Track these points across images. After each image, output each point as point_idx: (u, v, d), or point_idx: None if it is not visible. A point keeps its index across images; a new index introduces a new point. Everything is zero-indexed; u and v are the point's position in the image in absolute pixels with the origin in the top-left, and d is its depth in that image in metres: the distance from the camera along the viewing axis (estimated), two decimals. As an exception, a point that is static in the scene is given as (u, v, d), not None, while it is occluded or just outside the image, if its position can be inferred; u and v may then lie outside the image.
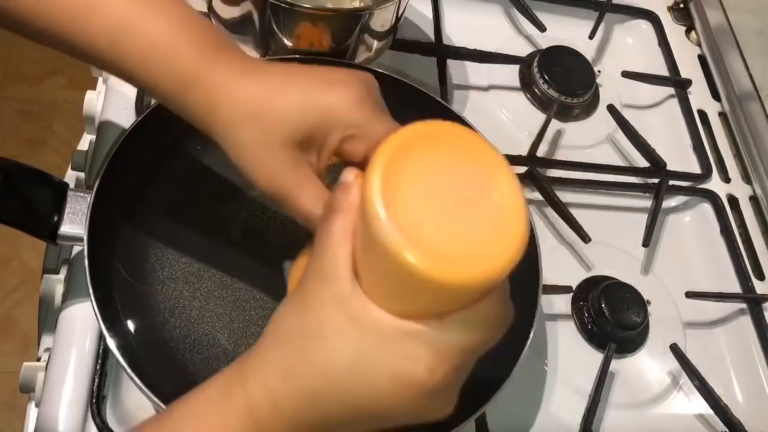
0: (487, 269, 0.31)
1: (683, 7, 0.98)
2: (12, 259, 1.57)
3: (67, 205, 0.54)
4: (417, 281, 0.30)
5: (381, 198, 0.31)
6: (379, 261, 0.32)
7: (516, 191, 0.32)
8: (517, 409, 0.64)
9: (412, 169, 0.32)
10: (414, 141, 0.33)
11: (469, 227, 0.31)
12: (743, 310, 0.76)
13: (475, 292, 0.33)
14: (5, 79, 1.76)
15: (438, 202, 0.32)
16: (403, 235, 0.30)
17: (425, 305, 0.33)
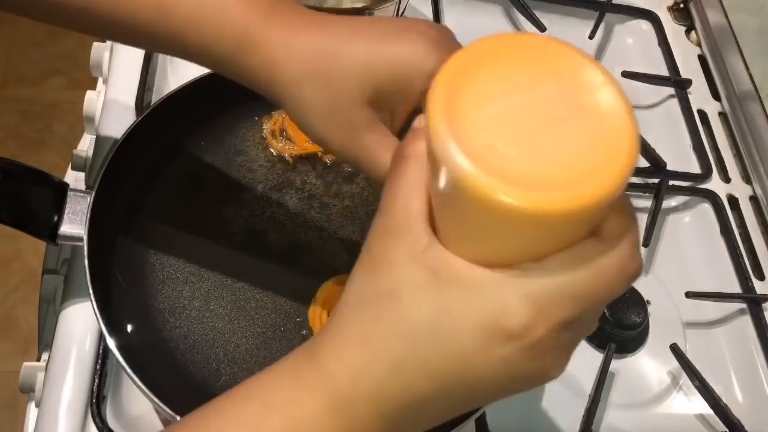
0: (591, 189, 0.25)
1: (683, 7, 0.97)
2: (12, 259, 1.57)
3: (67, 205, 0.54)
4: (497, 215, 0.26)
5: (444, 121, 0.26)
6: (453, 201, 0.27)
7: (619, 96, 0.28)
8: (517, 409, 0.64)
9: (483, 86, 0.27)
10: (485, 55, 0.28)
11: (562, 146, 0.26)
12: (743, 310, 0.76)
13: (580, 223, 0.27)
14: (5, 79, 1.76)
15: (517, 122, 0.26)
16: (472, 161, 0.25)
17: (517, 247, 0.28)
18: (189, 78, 0.61)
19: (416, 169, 0.30)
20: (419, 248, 0.29)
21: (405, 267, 0.29)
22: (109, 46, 0.73)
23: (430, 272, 0.29)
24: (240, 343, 0.56)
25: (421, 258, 0.29)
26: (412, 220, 0.29)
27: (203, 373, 0.54)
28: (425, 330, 0.29)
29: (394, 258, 0.29)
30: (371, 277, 0.30)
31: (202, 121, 0.63)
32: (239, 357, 0.55)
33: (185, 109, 0.61)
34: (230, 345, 0.55)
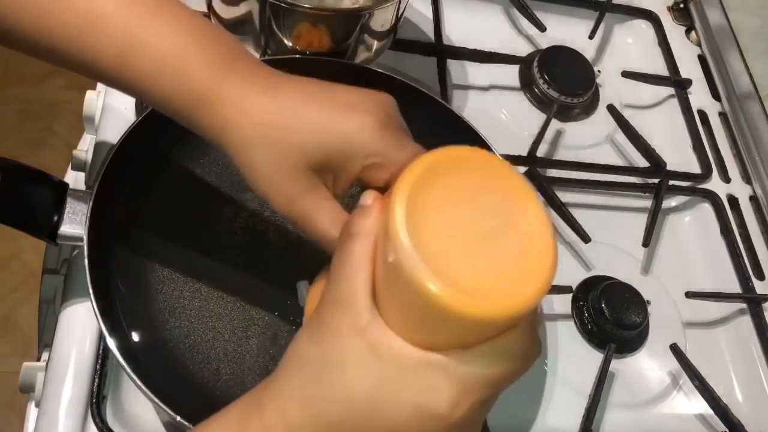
0: (514, 302, 0.30)
1: (683, 7, 0.98)
2: (12, 259, 1.57)
3: (67, 205, 0.54)
4: (440, 313, 0.29)
5: (405, 226, 0.30)
6: (401, 290, 0.31)
7: (543, 220, 0.31)
8: (517, 409, 0.64)
9: (437, 196, 0.31)
10: (438, 167, 0.31)
11: (495, 258, 0.30)
12: (743, 310, 0.76)
13: (501, 325, 0.32)
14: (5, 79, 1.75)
15: (463, 231, 0.30)
16: (427, 265, 0.29)
17: (449, 336, 0.32)
18: (189, 78, 0.61)
19: (362, 247, 0.33)
20: (363, 323, 0.32)
21: (348, 340, 0.32)
22: (109, 46, 0.73)
23: (371, 348, 0.32)
24: (240, 343, 0.56)
25: (364, 333, 0.32)
26: (357, 295, 0.32)
27: (203, 372, 0.54)
28: (363, 400, 0.32)
29: (340, 330, 0.32)
30: (319, 343, 0.33)
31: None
32: (239, 357, 0.55)
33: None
34: (230, 345, 0.55)
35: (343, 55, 0.68)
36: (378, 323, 0.32)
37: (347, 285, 0.33)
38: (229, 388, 0.55)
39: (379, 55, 0.72)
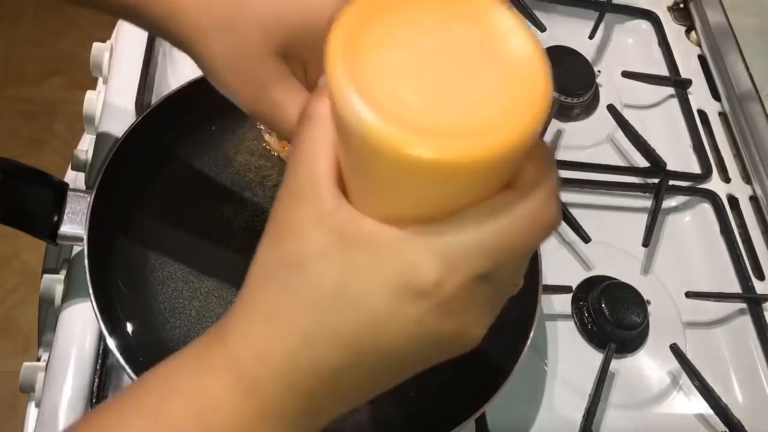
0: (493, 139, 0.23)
1: (683, 7, 0.97)
2: (12, 259, 1.57)
3: (67, 205, 0.54)
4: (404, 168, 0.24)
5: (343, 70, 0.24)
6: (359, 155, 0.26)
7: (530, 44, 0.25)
8: (517, 409, 0.64)
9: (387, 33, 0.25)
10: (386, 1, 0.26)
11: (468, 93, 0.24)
12: (743, 310, 0.76)
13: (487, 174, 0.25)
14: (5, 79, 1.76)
15: (424, 69, 0.25)
16: (374, 110, 0.23)
17: (428, 203, 0.26)
18: (189, 78, 0.61)
19: (321, 129, 0.28)
20: (325, 211, 0.27)
21: (310, 232, 0.27)
22: (109, 46, 0.73)
23: (336, 235, 0.26)
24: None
25: (327, 221, 0.27)
26: (318, 182, 0.27)
27: (203, 373, 0.54)
28: (332, 296, 0.27)
29: (299, 223, 0.27)
30: (275, 246, 0.28)
31: (202, 121, 0.64)
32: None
33: (185, 109, 0.61)
34: (230, 345, 0.55)
35: (343, 55, 0.68)
36: (344, 208, 0.27)
37: (306, 173, 0.28)
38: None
39: (379, 55, 0.72)
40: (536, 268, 0.61)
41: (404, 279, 0.26)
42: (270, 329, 0.28)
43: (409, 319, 0.27)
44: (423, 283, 0.26)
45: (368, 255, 0.26)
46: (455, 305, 0.27)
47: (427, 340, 0.28)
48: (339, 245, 0.26)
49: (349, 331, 0.27)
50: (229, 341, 0.28)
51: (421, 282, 0.26)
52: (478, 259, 0.26)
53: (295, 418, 0.29)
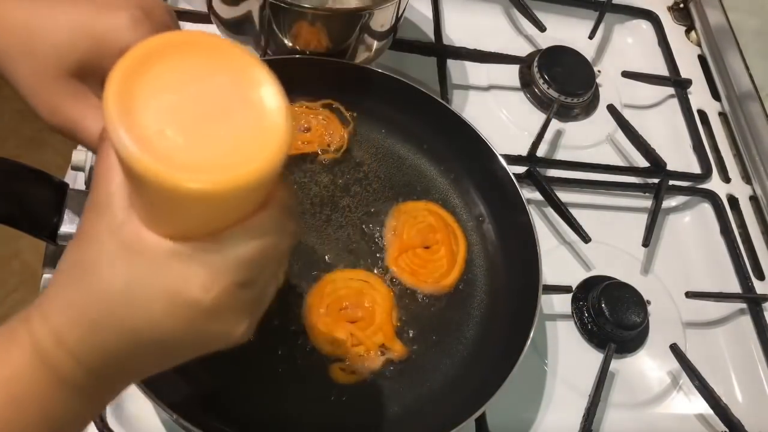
0: (240, 173, 0.29)
1: (683, 7, 0.98)
2: (12, 259, 1.57)
3: (67, 205, 0.54)
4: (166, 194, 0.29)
5: (116, 109, 0.29)
6: (132, 180, 0.31)
7: (275, 93, 0.31)
8: (517, 409, 0.64)
9: (160, 77, 0.30)
10: (163, 48, 0.31)
11: (222, 135, 0.30)
12: (743, 310, 0.76)
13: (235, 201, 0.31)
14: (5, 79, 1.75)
15: (187, 111, 0.30)
16: (140, 146, 0.28)
17: (194, 223, 0.32)
18: (189, 78, 0.61)
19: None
20: (116, 224, 0.32)
21: (103, 241, 0.33)
22: (109, 46, 0.73)
23: (123, 246, 0.32)
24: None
25: (118, 233, 0.32)
26: (111, 198, 0.33)
27: (202, 373, 0.54)
28: (119, 297, 0.32)
29: (95, 232, 0.33)
30: (77, 249, 0.34)
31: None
32: (238, 356, 0.55)
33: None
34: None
35: (343, 55, 0.68)
36: (132, 222, 0.32)
37: (103, 189, 0.33)
38: (228, 388, 0.55)
39: (379, 55, 0.72)
40: (536, 267, 0.61)
41: (177, 287, 0.32)
42: (65, 318, 0.33)
43: (181, 320, 0.33)
44: (192, 290, 0.32)
45: (149, 265, 0.32)
46: (220, 309, 0.33)
47: (197, 338, 0.34)
48: (125, 255, 0.32)
49: (130, 326, 0.33)
50: (32, 323, 0.34)
51: (189, 290, 0.32)
52: (237, 270, 0.33)
53: (86, 389, 0.34)
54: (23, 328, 0.34)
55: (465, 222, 0.67)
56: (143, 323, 0.33)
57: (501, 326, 0.61)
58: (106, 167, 0.33)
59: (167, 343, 0.34)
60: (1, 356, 0.34)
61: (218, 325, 0.34)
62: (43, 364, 0.33)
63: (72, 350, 0.33)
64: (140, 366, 0.36)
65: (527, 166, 0.75)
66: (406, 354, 0.59)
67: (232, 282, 0.33)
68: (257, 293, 0.36)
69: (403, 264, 0.63)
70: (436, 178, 0.69)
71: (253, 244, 0.33)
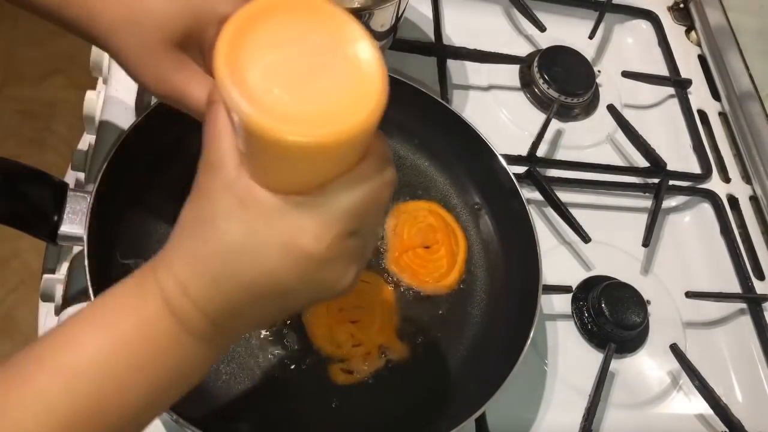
0: (343, 126, 0.31)
1: (683, 7, 0.98)
2: (12, 259, 1.57)
3: (67, 205, 0.54)
4: (277, 148, 0.31)
5: (227, 71, 0.31)
6: (245, 138, 0.32)
7: (372, 51, 0.33)
8: (517, 409, 0.64)
9: (262, 39, 0.32)
10: (262, 14, 0.33)
11: (324, 91, 0.32)
12: (743, 310, 0.76)
13: (340, 153, 0.33)
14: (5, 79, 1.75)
15: (290, 69, 0.32)
16: (251, 103, 0.30)
17: (302, 177, 0.34)
18: (189, 78, 0.61)
19: (223, 112, 0.35)
20: (229, 181, 0.34)
21: (219, 197, 0.34)
22: (109, 46, 0.73)
23: (238, 201, 0.34)
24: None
25: (231, 188, 0.34)
26: (224, 156, 0.34)
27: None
28: (236, 250, 0.34)
29: (211, 189, 0.35)
30: (195, 204, 0.36)
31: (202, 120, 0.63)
32: (238, 356, 0.56)
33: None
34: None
35: (343, 55, 0.68)
36: (243, 178, 0.34)
37: (215, 149, 0.35)
38: (229, 388, 0.55)
39: (379, 55, 0.72)
40: (536, 267, 0.61)
41: (290, 238, 0.34)
42: (188, 271, 0.35)
43: (296, 269, 0.34)
44: (305, 241, 0.34)
45: (262, 219, 0.34)
46: (331, 257, 0.35)
47: (310, 286, 0.36)
48: (240, 209, 0.34)
49: (249, 278, 0.35)
50: (159, 274, 0.36)
51: (303, 240, 0.34)
52: (345, 219, 0.34)
53: (209, 337, 0.37)
54: (151, 278, 0.36)
55: (465, 222, 0.67)
56: (261, 274, 0.34)
57: (501, 326, 0.61)
58: (216, 130, 0.35)
59: (284, 292, 0.36)
60: (136, 301, 0.36)
61: (330, 273, 0.36)
62: (171, 313, 0.35)
63: (196, 301, 0.35)
64: (259, 314, 0.38)
65: (527, 166, 0.75)
66: (407, 354, 0.59)
67: (342, 230, 0.34)
68: (363, 241, 0.37)
69: (404, 264, 0.63)
70: (436, 178, 0.69)
71: (358, 194, 0.34)
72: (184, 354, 0.37)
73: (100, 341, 0.35)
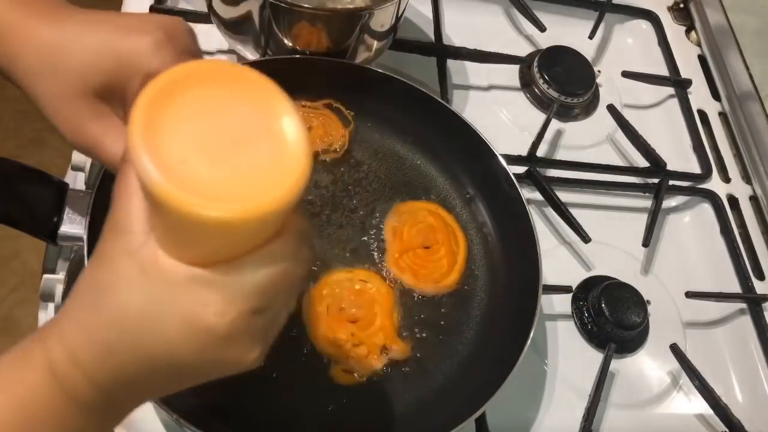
0: (260, 203, 0.30)
1: (683, 7, 0.98)
2: (12, 259, 1.57)
3: (67, 205, 0.54)
4: (185, 221, 0.30)
5: (141, 136, 0.29)
6: (154, 206, 0.31)
7: (297, 127, 0.31)
8: (517, 409, 0.64)
9: (183, 106, 0.31)
10: (187, 79, 0.31)
11: (244, 163, 0.30)
12: (743, 310, 0.76)
13: (253, 230, 0.32)
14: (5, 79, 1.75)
15: (210, 140, 0.30)
16: (164, 174, 0.29)
17: (211, 249, 0.32)
18: (189, 78, 0.61)
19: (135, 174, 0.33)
20: (134, 246, 0.33)
21: (120, 263, 0.33)
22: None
23: (141, 268, 0.32)
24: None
25: (135, 255, 0.33)
26: (132, 219, 0.33)
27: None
28: (135, 319, 0.33)
29: (113, 254, 0.33)
30: (95, 269, 0.34)
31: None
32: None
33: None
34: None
35: (343, 55, 0.68)
36: (149, 246, 0.33)
37: (122, 211, 0.33)
38: (228, 389, 0.55)
39: (379, 55, 0.72)
40: (536, 267, 0.61)
41: (192, 312, 0.32)
42: (81, 338, 0.34)
43: (195, 345, 0.33)
44: (207, 316, 0.32)
45: (164, 289, 0.32)
46: (234, 335, 0.33)
47: (210, 362, 0.34)
48: (142, 278, 0.32)
49: (146, 349, 0.33)
50: (48, 343, 0.34)
51: (205, 315, 0.32)
52: (251, 296, 0.33)
53: (99, 409, 0.35)
54: (38, 347, 0.34)
55: (465, 222, 0.67)
56: (158, 347, 0.33)
57: (501, 326, 0.61)
58: (126, 190, 0.33)
59: (181, 367, 0.34)
60: (17, 375, 0.34)
61: (232, 350, 0.34)
62: (58, 384, 0.33)
63: (87, 371, 0.33)
64: (153, 387, 0.37)
65: (527, 166, 0.75)
66: (408, 353, 0.59)
67: (247, 308, 0.33)
68: (271, 319, 0.36)
69: (404, 264, 0.63)
70: (436, 178, 0.69)
71: (269, 271, 0.33)
72: (69, 427, 0.35)
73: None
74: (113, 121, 0.42)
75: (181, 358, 0.33)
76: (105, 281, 0.33)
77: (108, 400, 0.35)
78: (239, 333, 0.33)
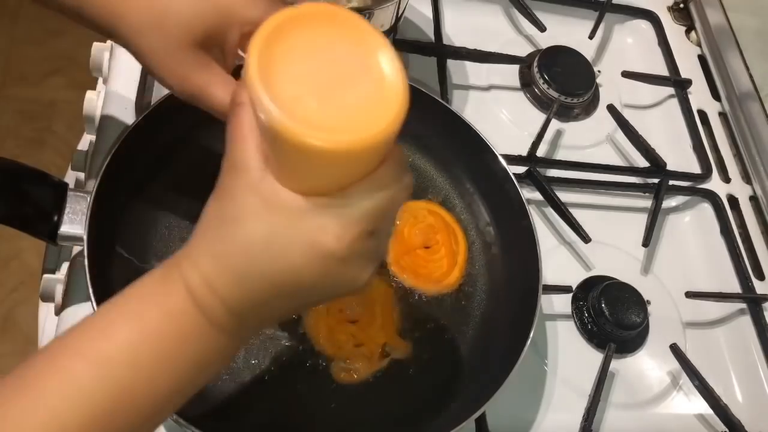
0: (366, 134, 0.32)
1: (683, 7, 0.98)
2: (12, 259, 1.57)
3: (67, 205, 0.54)
4: (303, 153, 0.32)
5: (259, 78, 0.32)
6: (273, 142, 0.34)
7: (394, 62, 0.34)
8: (517, 409, 0.64)
9: (291, 48, 0.33)
10: (291, 23, 0.34)
11: (350, 100, 0.33)
12: (743, 310, 0.76)
13: (362, 159, 0.35)
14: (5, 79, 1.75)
15: (318, 78, 0.33)
16: (282, 109, 0.32)
17: (325, 180, 0.35)
18: (189, 78, 0.61)
19: (248, 114, 0.36)
20: (253, 182, 0.36)
21: (244, 197, 0.36)
22: (110, 46, 0.73)
23: (263, 201, 0.35)
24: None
25: (256, 189, 0.36)
26: (249, 158, 0.36)
27: (203, 373, 0.54)
28: (262, 248, 0.36)
29: (236, 189, 0.36)
30: (219, 204, 0.38)
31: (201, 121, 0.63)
32: (239, 357, 0.55)
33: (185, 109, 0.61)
34: (230, 345, 0.55)
35: (343, 55, 0.68)
36: (268, 180, 0.35)
37: (239, 150, 0.36)
38: (229, 388, 0.55)
39: (379, 55, 0.72)
40: (536, 267, 0.61)
41: (313, 238, 0.35)
42: (213, 267, 0.37)
43: (318, 267, 0.36)
44: (327, 240, 0.35)
45: (286, 218, 0.35)
46: (351, 256, 0.36)
47: (330, 283, 0.38)
48: (265, 209, 0.36)
49: (272, 274, 0.36)
50: (184, 271, 0.37)
51: (325, 240, 0.35)
52: (364, 220, 0.36)
53: (231, 330, 0.38)
54: (176, 272, 0.37)
55: (465, 222, 0.67)
56: (285, 271, 0.36)
57: (501, 326, 0.62)
58: (241, 131, 0.36)
59: (305, 288, 0.37)
60: (163, 295, 0.38)
61: (349, 271, 0.37)
62: (196, 307, 0.37)
63: (222, 296, 0.37)
64: (279, 309, 0.40)
65: (527, 166, 0.75)
66: (408, 353, 0.59)
67: (360, 232, 0.36)
68: (379, 241, 0.39)
69: (404, 264, 0.63)
70: (436, 178, 0.69)
71: (377, 198, 0.36)
72: (207, 345, 0.38)
73: (129, 332, 0.36)
74: (216, 70, 0.45)
75: (305, 280, 0.36)
76: (231, 215, 0.36)
77: (239, 322, 0.38)
78: (355, 255, 0.36)
